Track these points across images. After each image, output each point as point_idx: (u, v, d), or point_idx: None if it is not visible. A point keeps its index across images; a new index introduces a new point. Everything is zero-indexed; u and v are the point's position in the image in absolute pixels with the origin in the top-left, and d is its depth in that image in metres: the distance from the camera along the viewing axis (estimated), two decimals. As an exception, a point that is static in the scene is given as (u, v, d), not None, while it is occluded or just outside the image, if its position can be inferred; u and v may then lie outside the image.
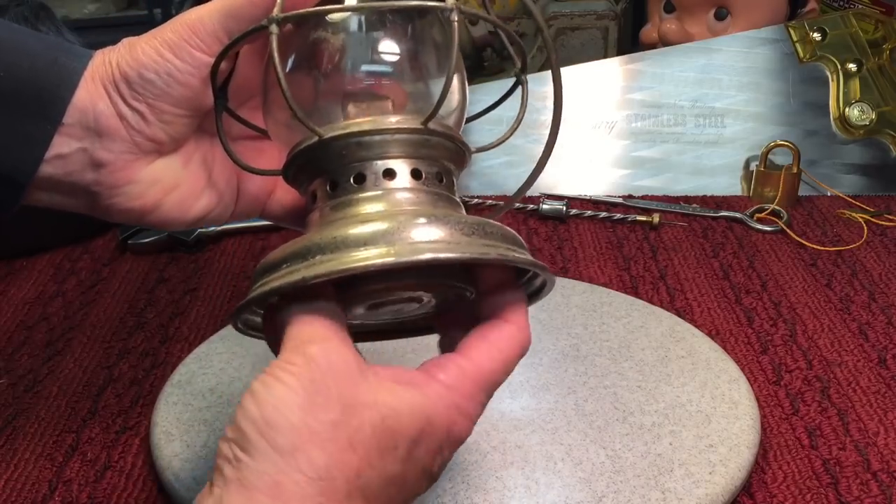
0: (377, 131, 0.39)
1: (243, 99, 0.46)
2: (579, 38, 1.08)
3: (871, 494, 0.53)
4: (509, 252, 0.37)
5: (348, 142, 0.39)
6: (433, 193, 0.39)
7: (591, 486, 0.51)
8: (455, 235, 0.36)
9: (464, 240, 0.36)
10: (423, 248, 0.35)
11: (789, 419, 0.59)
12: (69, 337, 0.70)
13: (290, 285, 0.35)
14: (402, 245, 0.35)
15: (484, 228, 0.37)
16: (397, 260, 0.34)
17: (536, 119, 0.95)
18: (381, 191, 0.39)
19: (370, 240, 0.35)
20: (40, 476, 0.56)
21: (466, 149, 0.42)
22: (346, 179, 0.39)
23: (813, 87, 0.94)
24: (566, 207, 0.85)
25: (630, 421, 0.56)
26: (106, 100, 0.42)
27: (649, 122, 0.95)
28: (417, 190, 0.39)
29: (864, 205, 0.87)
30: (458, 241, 0.35)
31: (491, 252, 0.36)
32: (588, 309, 0.68)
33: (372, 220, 0.36)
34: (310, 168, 0.40)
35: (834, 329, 0.69)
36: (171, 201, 0.44)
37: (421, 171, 0.39)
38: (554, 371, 0.61)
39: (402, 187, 0.39)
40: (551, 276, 0.41)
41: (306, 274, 0.35)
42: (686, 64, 0.96)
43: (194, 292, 0.75)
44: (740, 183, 0.92)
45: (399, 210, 0.38)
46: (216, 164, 0.46)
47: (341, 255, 0.35)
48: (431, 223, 0.36)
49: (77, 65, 0.42)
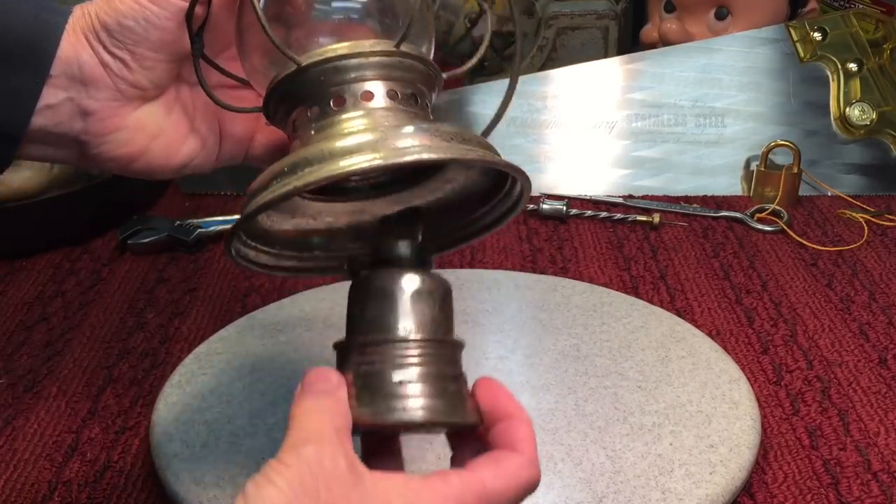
0: (353, 55, 0.41)
1: (220, 48, 0.47)
2: (579, 38, 1.08)
3: (872, 495, 0.53)
4: (487, 155, 0.39)
5: (326, 67, 0.41)
6: (410, 112, 0.41)
7: (591, 486, 0.51)
8: (436, 141, 0.38)
9: (444, 144, 0.38)
10: (407, 151, 0.37)
11: (790, 419, 0.59)
12: (69, 337, 0.70)
13: (281, 196, 0.37)
14: (387, 150, 0.37)
15: (462, 135, 0.39)
16: (385, 162, 0.36)
17: (536, 119, 0.95)
18: (362, 111, 0.41)
19: (356, 149, 0.37)
20: (40, 476, 0.56)
21: (437, 72, 0.44)
22: (327, 103, 0.41)
23: (813, 86, 0.94)
24: (566, 207, 0.85)
25: (630, 421, 0.56)
26: (88, 50, 0.43)
27: (649, 122, 0.95)
28: (395, 109, 0.41)
29: (865, 205, 0.87)
30: (440, 144, 0.38)
31: (470, 154, 0.38)
32: (588, 309, 0.68)
33: (356, 132, 0.39)
34: (289, 98, 0.42)
35: (834, 329, 0.69)
36: (157, 148, 0.46)
37: (397, 91, 0.41)
38: (554, 371, 0.61)
39: (381, 107, 0.41)
40: (528, 181, 0.44)
41: (297, 184, 0.37)
42: (686, 64, 0.96)
43: (194, 292, 0.75)
44: (740, 183, 0.92)
45: (381, 124, 0.40)
46: (198, 110, 0.47)
47: (329, 163, 0.37)
48: (414, 132, 0.38)
49: (59, 19, 0.43)
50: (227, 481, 0.52)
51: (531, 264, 0.78)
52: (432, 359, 0.39)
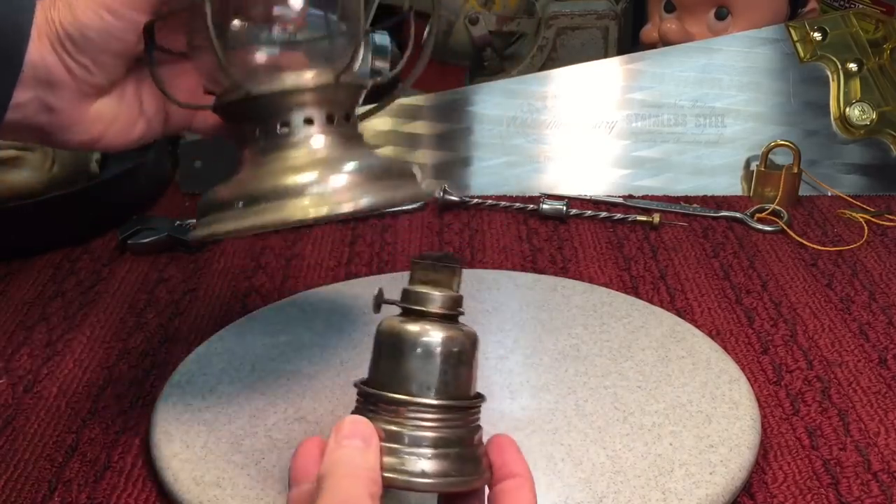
0: (299, 90, 0.47)
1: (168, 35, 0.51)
2: (579, 38, 1.08)
3: (872, 495, 0.53)
4: (406, 195, 0.46)
5: (273, 97, 0.46)
6: (344, 135, 0.48)
7: (591, 486, 0.51)
8: (366, 182, 0.45)
9: (373, 186, 0.45)
10: (345, 199, 0.44)
11: (790, 419, 0.59)
12: (69, 337, 0.70)
13: (232, 234, 0.45)
14: (329, 202, 0.44)
15: (389, 170, 0.46)
16: (329, 213, 0.43)
17: (536, 119, 0.95)
18: (303, 136, 0.47)
19: (303, 190, 0.44)
20: (40, 476, 0.56)
21: (364, 89, 0.50)
22: (273, 127, 0.47)
23: (813, 86, 0.94)
24: (566, 207, 0.85)
25: (630, 421, 0.56)
26: (54, 56, 0.47)
27: (649, 122, 0.95)
28: (332, 132, 0.47)
29: (865, 205, 0.87)
30: (368, 189, 0.44)
31: (398, 195, 0.46)
32: (588, 309, 0.68)
33: (301, 169, 0.45)
34: (238, 115, 0.48)
35: (834, 329, 0.69)
36: (113, 132, 0.51)
37: (334, 115, 0.47)
38: (554, 371, 0.61)
39: (319, 131, 0.47)
40: (426, 198, 0.50)
41: (255, 222, 0.44)
42: (686, 64, 0.96)
43: (194, 292, 0.75)
44: (740, 183, 0.92)
45: (321, 157, 0.46)
46: (145, 94, 0.52)
47: (282, 203, 0.43)
48: (351, 174, 0.45)
49: (26, 17, 0.46)
50: (226, 481, 0.52)
51: (531, 264, 0.78)
52: (448, 422, 0.40)
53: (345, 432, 0.39)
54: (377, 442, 0.39)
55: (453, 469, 0.40)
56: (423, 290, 0.42)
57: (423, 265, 0.43)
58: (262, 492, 0.52)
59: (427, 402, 0.40)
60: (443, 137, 0.94)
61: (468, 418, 0.42)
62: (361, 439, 0.39)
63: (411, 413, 0.40)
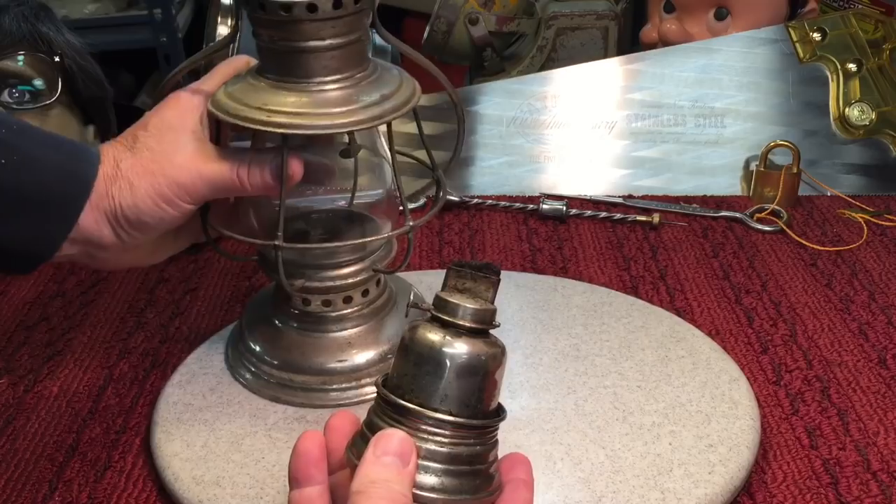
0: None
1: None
2: (579, 38, 1.08)
3: (871, 494, 0.53)
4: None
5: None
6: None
7: (590, 485, 0.51)
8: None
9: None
10: None
11: (789, 419, 0.59)
12: (70, 337, 0.70)
13: None
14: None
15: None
16: None
17: (537, 119, 0.95)
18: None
19: None
20: (41, 476, 0.56)
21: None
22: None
23: (813, 87, 0.94)
24: (566, 207, 0.85)
25: (630, 421, 0.56)
26: (108, 228, 0.51)
27: (649, 122, 0.95)
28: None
29: (864, 205, 0.87)
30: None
31: None
32: (588, 309, 0.68)
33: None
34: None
35: (834, 329, 0.69)
36: (144, 259, 0.57)
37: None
38: (554, 371, 0.61)
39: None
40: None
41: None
42: (686, 64, 0.96)
43: (194, 292, 0.75)
44: (740, 183, 0.92)
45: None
46: (180, 234, 0.57)
47: None
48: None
49: (87, 169, 0.49)
50: (226, 480, 0.52)
51: (531, 264, 0.78)
52: (464, 439, 0.39)
53: (385, 448, 0.38)
54: (415, 462, 0.38)
55: (465, 486, 0.39)
56: (455, 299, 0.40)
57: (459, 272, 0.41)
58: (262, 491, 0.52)
59: (444, 419, 0.39)
60: (443, 137, 0.94)
61: (486, 436, 0.40)
62: (400, 458, 0.38)
63: (427, 426, 0.39)
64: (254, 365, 0.60)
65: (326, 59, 0.50)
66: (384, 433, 0.38)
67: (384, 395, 0.40)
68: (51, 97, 0.83)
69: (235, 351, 0.62)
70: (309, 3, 0.48)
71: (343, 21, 0.50)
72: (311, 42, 0.50)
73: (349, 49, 0.51)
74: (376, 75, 0.53)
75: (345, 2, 0.49)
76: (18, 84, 0.82)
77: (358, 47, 0.52)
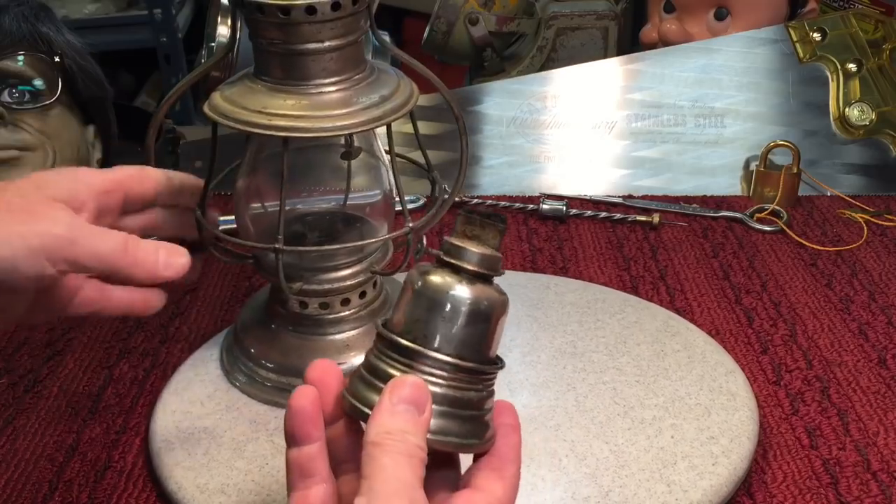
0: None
1: None
2: (579, 38, 1.08)
3: (871, 494, 0.53)
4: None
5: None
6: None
7: (596, 480, 0.52)
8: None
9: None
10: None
11: (789, 419, 0.59)
12: (69, 337, 0.70)
13: None
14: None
15: None
16: None
17: (536, 119, 0.95)
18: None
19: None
20: (40, 476, 0.56)
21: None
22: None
23: (813, 87, 0.94)
24: (566, 207, 0.85)
25: (631, 415, 0.57)
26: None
27: (649, 122, 0.95)
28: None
29: (864, 205, 0.87)
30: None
31: None
32: (582, 306, 0.68)
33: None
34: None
35: (834, 329, 0.69)
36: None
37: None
38: (552, 368, 0.61)
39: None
40: None
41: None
42: (686, 64, 0.96)
43: (194, 292, 0.75)
44: (740, 183, 0.92)
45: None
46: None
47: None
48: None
49: None
50: (231, 488, 0.52)
51: (531, 264, 0.78)
52: (460, 382, 0.39)
53: (401, 395, 0.37)
54: (430, 410, 0.37)
55: (458, 430, 0.39)
56: (462, 243, 0.41)
57: (468, 218, 0.42)
58: (269, 497, 0.52)
59: (452, 361, 0.39)
60: (443, 137, 0.94)
61: (483, 382, 0.40)
62: (416, 405, 0.37)
63: (424, 365, 0.39)
64: (250, 369, 0.59)
65: (325, 61, 0.50)
66: (398, 379, 0.37)
67: (389, 338, 0.40)
68: (51, 97, 0.83)
69: (230, 355, 0.61)
70: (308, 5, 0.48)
71: (342, 23, 0.50)
72: (309, 44, 0.50)
73: (347, 51, 0.51)
74: (374, 77, 0.53)
75: (343, 3, 0.49)
76: (18, 84, 0.82)
77: (356, 49, 0.52)
